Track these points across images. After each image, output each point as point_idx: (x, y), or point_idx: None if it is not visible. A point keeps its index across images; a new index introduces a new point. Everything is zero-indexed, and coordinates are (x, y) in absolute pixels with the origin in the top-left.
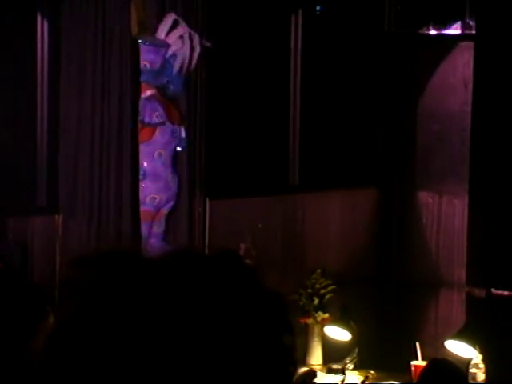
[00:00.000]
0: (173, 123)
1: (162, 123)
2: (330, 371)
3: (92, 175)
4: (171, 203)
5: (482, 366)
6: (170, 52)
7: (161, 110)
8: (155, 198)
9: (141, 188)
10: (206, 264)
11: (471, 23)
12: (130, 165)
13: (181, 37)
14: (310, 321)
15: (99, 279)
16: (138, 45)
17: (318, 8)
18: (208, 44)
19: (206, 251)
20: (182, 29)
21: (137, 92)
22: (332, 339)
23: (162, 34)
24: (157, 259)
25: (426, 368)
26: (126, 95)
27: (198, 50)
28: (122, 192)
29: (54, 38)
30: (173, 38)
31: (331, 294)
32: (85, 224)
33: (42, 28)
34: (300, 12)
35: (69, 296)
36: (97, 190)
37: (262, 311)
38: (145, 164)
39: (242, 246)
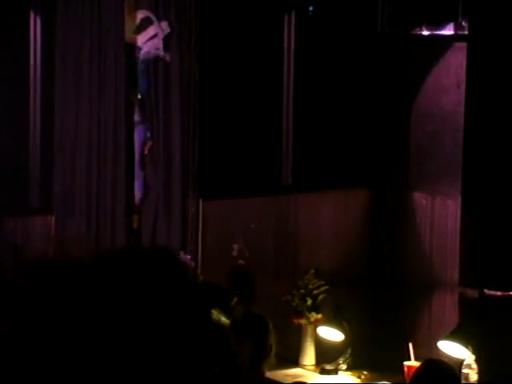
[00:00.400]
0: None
1: (139, 123)
2: (323, 371)
3: (89, 175)
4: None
5: (474, 366)
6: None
7: (137, 110)
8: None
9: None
10: (133, 265)
11: (464, 24)
12: (124, 164)
13: (155, 35)
14: (303, 321)
15: (37, 287)
16: (133, 45)
17: (310, 9)
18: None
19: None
20: (156, 28)
21: (132, 91)
22: (325, 340)
23: (129, 33)
24: (87, 263)
25: (420, 368)
26: (121, 95)
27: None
28: (116, 191)
29: (48, 37)
30: (144, 38)
31: (324, 295)
32: (82, 223)
33: (35, 29)
34: (293, 13)
35: (9, 301)
36: (94, 189)
37: (185, 302)
38: None
39: (235, 246)
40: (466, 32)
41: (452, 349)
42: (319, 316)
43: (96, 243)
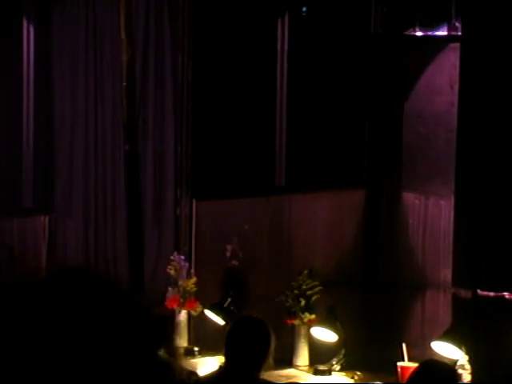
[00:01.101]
0: None
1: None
2: (316, 372)
3: (87, 175)
4: None
5: (467, 367)
6: None
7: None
8: None
9: None
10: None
11: (457, 25)
12: (124, 163)
13: None
14: (296, 322)
15: None
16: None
17: (304, 9)
18: None
19: (193, 253)
20: None
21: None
22: (318, 340)
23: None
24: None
25: (417, 368)
26: (121, 89)
27: None
28: (116, 192)
29: (41, 39)
30: None
31: (318, 295)
32: (80, 224)
33: (28, 31)
34: (286, 14)
35: None
36: (92, 190)
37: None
38: None
39: (229, 247)
40: (460, 33)
41: (445, 349)
42: (313, 317)
43: (95, 244)
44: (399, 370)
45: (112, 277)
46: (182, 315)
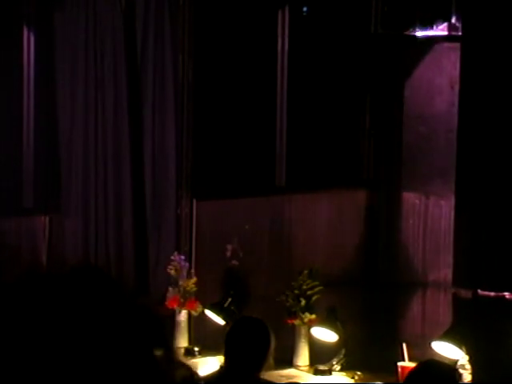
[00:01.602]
0: None
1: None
2: (316, 372)
3: (88, 175)
4: None
5: (468, 366)
6: None
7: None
8: None
9: None
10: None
11: (457, 24)
12: (129, 162)
13: None
14: (296, 322)
15: None
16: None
17: (304, 9)
18: None
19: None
20: None
21: (135, 86)
22: (319, 340)
23: None
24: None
25: (414, 368)
26: (122, 89)
27: None
28: (121, 192)
29: (41, 39)
30: None
31: (318, 295)
32: (81, 225)
33: (29, 31)
34: (287, 13)
35: None
36: (92, 190)
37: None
38: None
39: (229, 247)
40: (460, 32)
41: (446, 349)
42: (313, 316)
43: (96, 244)
44: (399, 369)
45: (115, 277)
46: (183, 315)
